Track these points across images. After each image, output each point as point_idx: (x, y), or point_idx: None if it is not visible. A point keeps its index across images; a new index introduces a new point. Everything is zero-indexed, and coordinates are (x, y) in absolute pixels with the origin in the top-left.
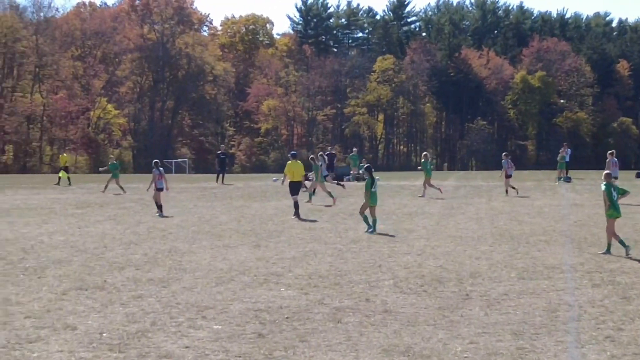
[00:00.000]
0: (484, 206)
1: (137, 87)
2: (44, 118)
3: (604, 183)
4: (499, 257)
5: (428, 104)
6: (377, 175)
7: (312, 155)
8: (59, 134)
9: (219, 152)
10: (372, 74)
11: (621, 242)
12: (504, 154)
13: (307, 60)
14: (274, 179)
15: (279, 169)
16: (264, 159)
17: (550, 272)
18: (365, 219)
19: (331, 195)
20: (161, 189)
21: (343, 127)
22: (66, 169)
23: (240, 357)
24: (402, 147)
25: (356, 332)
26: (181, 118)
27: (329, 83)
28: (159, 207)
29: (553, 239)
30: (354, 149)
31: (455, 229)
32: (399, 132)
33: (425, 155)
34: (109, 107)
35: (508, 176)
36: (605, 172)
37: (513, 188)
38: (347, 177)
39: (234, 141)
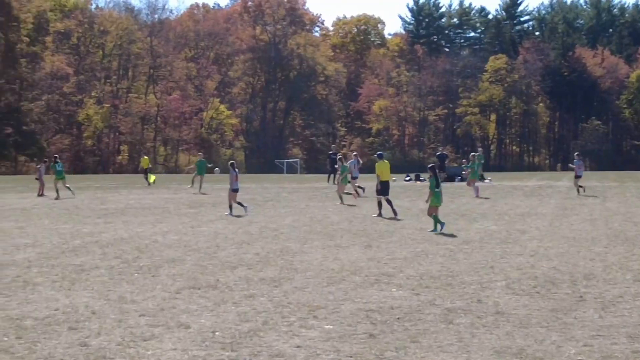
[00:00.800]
0: (598, 207)
1: (250, 87)
2: (158, 118)
3: None
4: (613, 259)
5: (541, 104)
6: (488, 175)
7: (340, 156)
8: (173, 134)
9: (330, 152)
10: (484, 73)
11: None
12: (576, 153)
13: (418, 60)
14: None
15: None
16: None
17: None
18: (436, 220)
19: (340, 198)
20: (237, 190)
21: (455, 127)
22: (145, 171)
23: (351, 357)
24: (514, 147)
25: (468, 334)
26: (293, 118)
27: (441, 83)
28: (230, 207)
29: None
30: (479, 149)
31: (568, 230)
32: (511, 132)
33: (473, 155)
34: (222, 107)
35: (577, 176)
36: None
37: (580, 187)
38: (459, 177)
39: (345, 141)
